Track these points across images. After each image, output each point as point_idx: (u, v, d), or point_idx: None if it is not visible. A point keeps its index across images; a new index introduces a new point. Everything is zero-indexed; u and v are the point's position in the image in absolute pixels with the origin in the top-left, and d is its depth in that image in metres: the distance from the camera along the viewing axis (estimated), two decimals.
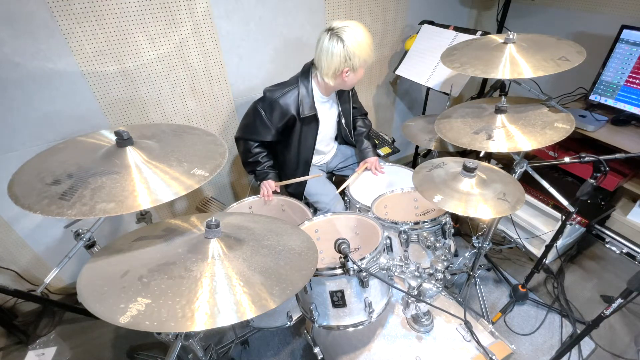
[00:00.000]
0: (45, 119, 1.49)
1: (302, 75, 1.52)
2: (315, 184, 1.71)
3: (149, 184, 0.82)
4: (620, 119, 1.71)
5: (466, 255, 1.81)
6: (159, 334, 0.95)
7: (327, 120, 1.67)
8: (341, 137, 1.87)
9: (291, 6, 1.80)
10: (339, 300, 1.07)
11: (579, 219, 1.80)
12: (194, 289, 0.70)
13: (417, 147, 2.61)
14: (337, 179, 1.93)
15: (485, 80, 2.50)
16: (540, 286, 1.92)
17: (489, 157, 2.21)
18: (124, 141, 0.89)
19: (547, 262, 1.93)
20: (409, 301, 1.13)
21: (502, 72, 1.18)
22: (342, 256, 0.97)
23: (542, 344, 1.64)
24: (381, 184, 1.70)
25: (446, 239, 1.41)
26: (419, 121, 1.85)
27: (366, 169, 1.76)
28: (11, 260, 1.73)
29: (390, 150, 2.00)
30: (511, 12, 2.19)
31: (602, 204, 1.85)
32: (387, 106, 2.61)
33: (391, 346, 1.15)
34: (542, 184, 1.31)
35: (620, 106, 1.73)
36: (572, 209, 1.36)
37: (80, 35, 1.39)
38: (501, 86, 2.02)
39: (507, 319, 1.75)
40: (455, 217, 2.20)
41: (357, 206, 1.53)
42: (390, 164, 1.82)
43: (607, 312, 1.14)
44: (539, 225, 1.94)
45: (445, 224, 1.39)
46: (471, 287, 1.71)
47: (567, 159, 1.26)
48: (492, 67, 1.21)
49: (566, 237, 1.89)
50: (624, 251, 1.74)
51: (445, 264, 1.19)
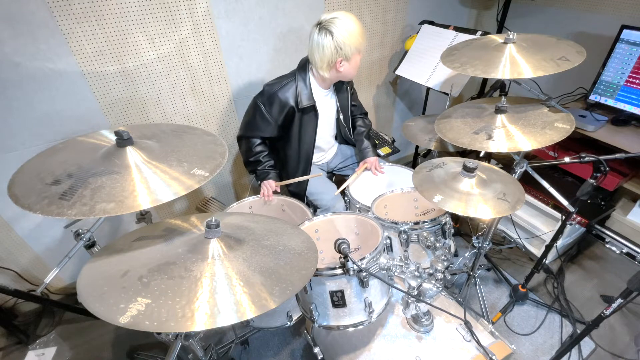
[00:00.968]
0: (45, 119, 1.49)
1: (299, 69, 1.53)
2: (316, 183, 1.72)
3: (149, 184, 0.82)
4: (620, 119, 1.71)
5: (466, 255, 1.81)
6: (159, 334, 0.95)
7: (326, 112, 1.68)
8: (341, 136, 1.87)
9: (291, 6, 1.80)
10: (339, 300, 1.06)
11: (579, 219, 1.80)
12: (194, 289, 0.70)
13: (417, 147, 2.61)
14: (337, 178, 1.93)
15: (485, 80, 2.50)
16: (540, 286, 1.92)
17: (489, 157, 2.21)
18: (124, 141, 0.89)
19: (547, 262, 1.93)
20: (409, 301, 1.14)
21: (502, 72, 1.18)
22: (342, 256, 0.97)
23: (542, 344, 1.64)
24: (381, 184, 1.70)
25: (446, 239, 1.41)
26: (419, 121, 1.85)
27: (366, 169, 1.76)
28: (11, 260, 1.73)
29: (390, 150, 2.00)
30: (511, 12, 2.19)
31: (602, 204, 1.85)
32: (387, 106, 2.61)
33: (391, 346, 1.15)
34: (542, 184, 1.30)
35: (620, 106, 1.73)
36: (572, 209, 1.36)
37: (80, 35, 1.40)
38: (501, 86, 2.01)
39: (507, 319, 1.75)
40: (455, 217, 2.20)
41: (357, 206, 1.53)
42: (390, 164, 1.82)
43: (607, 312, 1.14)
44: (539, 225, 1.93)
45: (445, 224, 1.39)
46: (471, 287, 1.71)
47: (567, 159, 1.26)
48: (492, 67, 1.20)
49: (566, 237, 1.89)
50: (624, 251, 1.74)
51: (445, 264, 1.19)
